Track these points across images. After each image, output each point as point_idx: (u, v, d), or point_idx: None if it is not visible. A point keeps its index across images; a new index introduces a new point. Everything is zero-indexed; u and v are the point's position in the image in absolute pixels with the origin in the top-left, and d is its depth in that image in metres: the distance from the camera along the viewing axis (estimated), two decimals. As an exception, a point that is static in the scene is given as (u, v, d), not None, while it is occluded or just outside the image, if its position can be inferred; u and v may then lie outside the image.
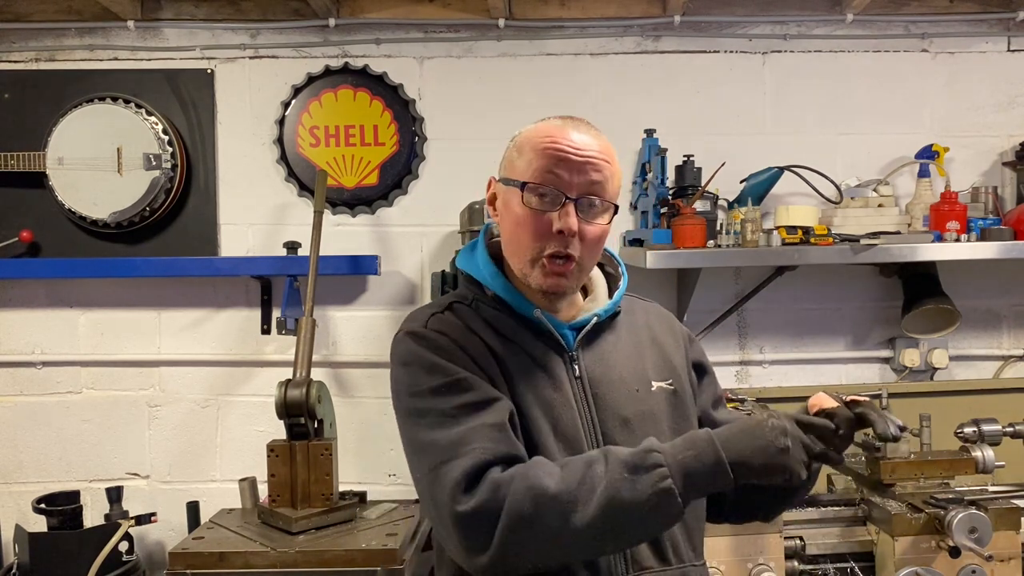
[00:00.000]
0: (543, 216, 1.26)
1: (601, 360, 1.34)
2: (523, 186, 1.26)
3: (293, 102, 2.85)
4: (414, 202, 2.89)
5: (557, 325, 1.32)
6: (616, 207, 1.31)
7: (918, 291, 2.71)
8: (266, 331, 2.86)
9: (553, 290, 1.30)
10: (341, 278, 2.84)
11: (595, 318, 1.34)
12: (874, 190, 2.73)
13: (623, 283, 1.41)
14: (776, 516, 1.61)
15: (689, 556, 1.31)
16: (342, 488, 2.43)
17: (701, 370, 1.47)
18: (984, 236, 2.55)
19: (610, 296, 1.40)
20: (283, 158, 2.86)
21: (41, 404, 2.90)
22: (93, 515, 2.74)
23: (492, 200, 1.36)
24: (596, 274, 1.43)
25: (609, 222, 1.30)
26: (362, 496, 2.53)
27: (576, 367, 1.32)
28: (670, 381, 1.37)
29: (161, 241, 2.85)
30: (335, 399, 2.54)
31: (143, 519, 2.58)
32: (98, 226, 2.79)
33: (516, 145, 1.32)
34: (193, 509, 2.71)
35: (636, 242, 2.69)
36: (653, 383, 1.34)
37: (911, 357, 2.80)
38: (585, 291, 1.42)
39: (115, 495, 2.69)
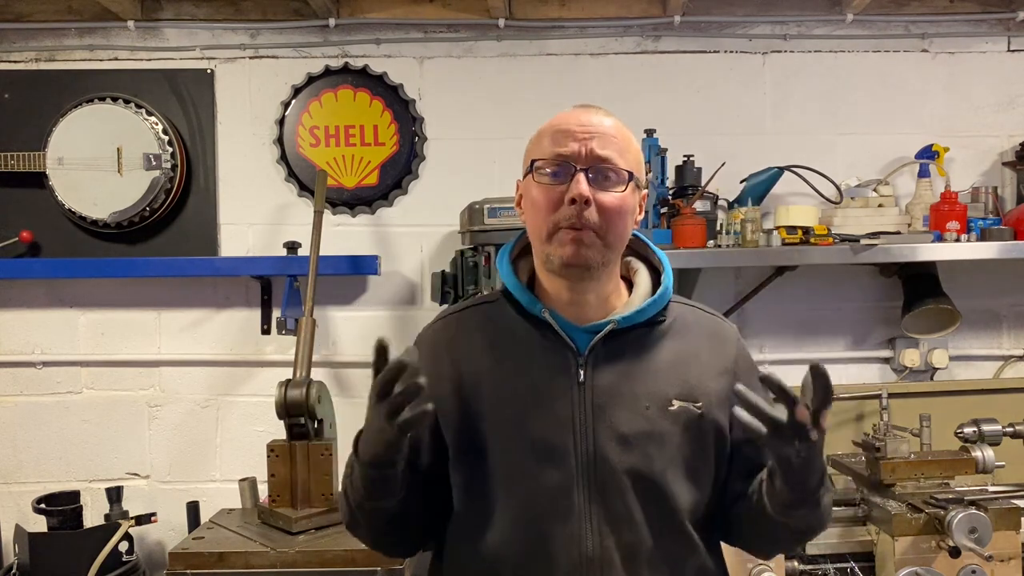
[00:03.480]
0: (555, 189, 1.24)
1: (617, 369, 1.26)
2: (532, 164, 1.27)
3: (293, 102, 2.85)
4: (414, 202, 2.89)
5: (567, 327, 1.28)
6: (631, 175, 1.26)
7: (918, 291, 2.71)
8: (266, 331, 2.86)
9: (574, 261, 1.23)
10: (341, 278, 2.84)
11: (612, 324, 1.27)
12: (874, 190, 2.73)
13: (660, 290, 1.32)
14: (776, 554, 1.65)
15: None
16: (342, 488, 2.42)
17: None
18: (984, 236, 2.55)
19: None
20: (283, 158, 2.86)
21: (41, 404, 2.90)
22: (93, 515, 2.74)
23: (519, 201, 1.35)
24: (643, 276, 1.37)
25: (625, 191, 1.25)
26: (362, 496, 2.53)
27: (582, 373, 1.25)
28: (698, 404, 1.27)
29: (161, 241, 2.85)
30: (335, 399, 2.54)
31: (143, 519, 2.58)
32: (98, 226, 2.79)
33: (532, 138, 1.33)
34: (193, 509, 2.71)
35: (636, 242, 2.69)
36: (674, 402, 1.26)
37: (911, 357, 2.80)
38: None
39: (115, 495, 2.69)
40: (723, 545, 1.39)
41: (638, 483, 1.24)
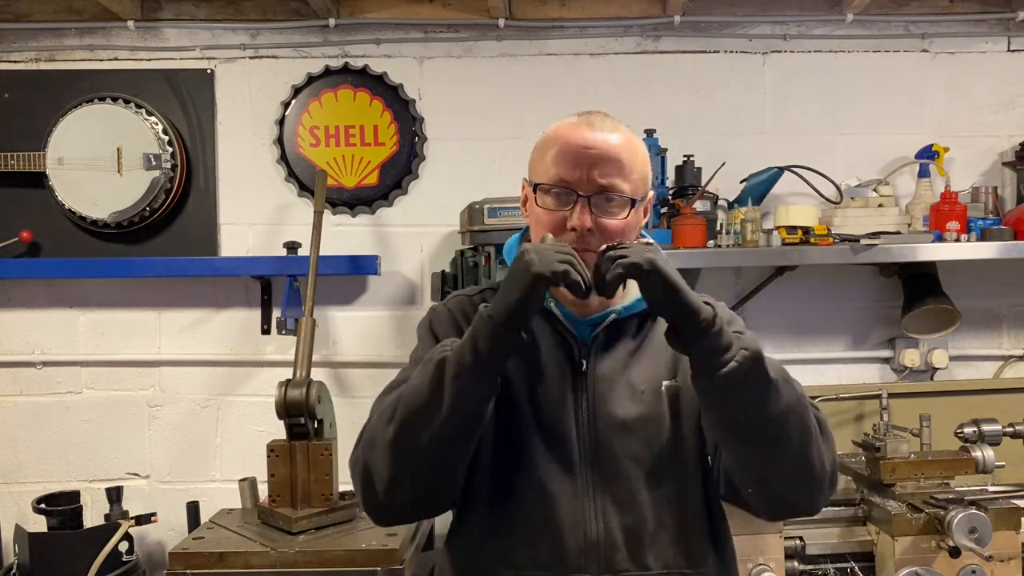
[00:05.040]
0: (557, 214, 1.26)
1: (617, 357, 1.31)
2: (535, 187, 1.28)
3: (293, 102, 2.85)
4: (414, 202, 2.89)
5: (571, 319, 1.32)
6: (634, 201, 1.27)
7: (918, 291, 2.71)
8: (266, 331, 2.86)
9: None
10: (341, 278, 2.84)
11: (613, 315, 1.32)
12: (874, 190, 2.73)
13: None
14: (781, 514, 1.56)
15: (678, 563, 1.26)
16: (342, 488, 2.42)
17: None
18: (984, 236, 2.55)
19: None
20: (283, 158, 2.86)
21: (41, 404, 2.90)
22: (93, 515, 2.74)
23: (524, 202, 1.36)
24: None
25: (628, 216, 1.27)
26: (362, 496, 2.53)
27: (584, 363, 1.30)
28: (676, 378, 1.32)
29: (161, 241, 2.85)
30: (335, 399, 2.54)
31: (143, 519, 2.58)
32: (98, 226, 2.79)
33: (536, 147, 1.33)
34: (193, 509, 2.71)
35: (636, 242, 2.69)
36: (664, 382, 1.31)
37: (911, 357, 2.80)
38: None
39: (115, 495, 2.69)
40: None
41: (638, 467, 1.27)
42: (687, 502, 1.29)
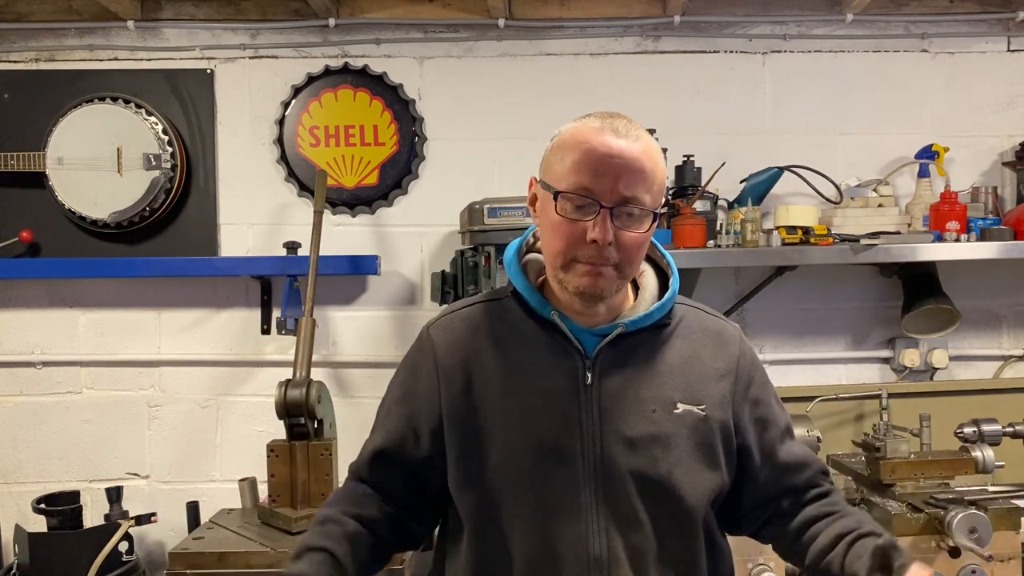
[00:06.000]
0: (577, 224, 1.22)
1: (624, 373, 1.28)
2: (556, 195, 1.23)
3: (293, 102, 2.85)
4: (414, 202, 2.89)
5: (575, 330, 1.28)
6: (656, 215, 1.24)
7: (918, 291, 2.71)
8: (266, 331, 2.86)
9: (590, 291, 1.24)
10: (341, 278, 2.84)
11: (620, 327, 1.28)
12: (874, 190, 2.73)
13: (668, 294, 1.33)
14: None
15: None
16: (342, 488, 2.42)
17: (761, 424, 1.36)
18: (984, 236, 2.55)
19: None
20: (283, 158, 2.86)
21: (41, 404, 2.90)
22: (93, 515, 2.74)
23: (532, 201, 1.32)
24: (649, 278, 1.37)
25: (648, 229, 1.24)
26: (362, 496, 2.53)
27: (590, 376, 1.26)
28: (702, 407, 1.29)
29: (161, 241, 2.85)
30: (335, 399, 2.54)
31: (143, 519, 2.58)
32: (98, 226, 2.80)
33: (554, 147, 1.27)
34: (193, 509, 2.71)
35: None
36: (679, 405, 1.27)
37: (911, 357, 2.80)
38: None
39: (115, 495, 2.69)
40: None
41: (644, 485, 1.24)
42: (693, 523, 1.28)
